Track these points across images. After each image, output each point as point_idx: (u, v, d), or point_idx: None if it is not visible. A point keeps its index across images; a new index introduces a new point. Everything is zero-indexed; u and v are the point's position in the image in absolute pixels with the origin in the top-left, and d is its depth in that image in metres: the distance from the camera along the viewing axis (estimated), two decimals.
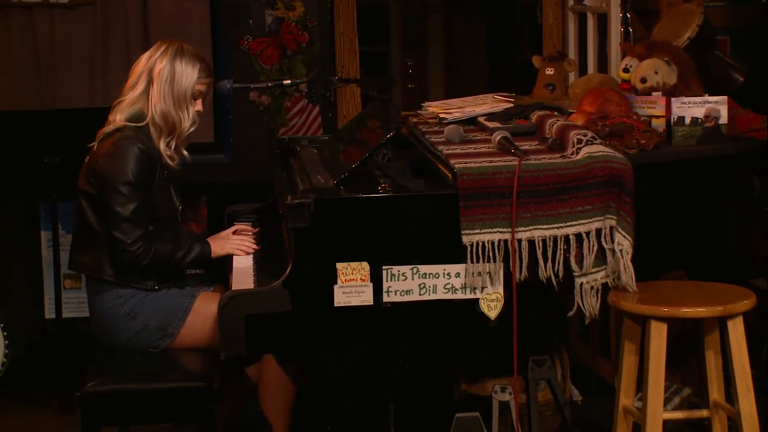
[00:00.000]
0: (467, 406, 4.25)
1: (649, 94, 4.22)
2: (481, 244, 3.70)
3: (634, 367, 3.91)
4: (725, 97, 4.11)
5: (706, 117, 4.07)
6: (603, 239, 3.76)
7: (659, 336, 3.73)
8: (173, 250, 4.05)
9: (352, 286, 3.68)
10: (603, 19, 5.41)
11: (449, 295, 3.73)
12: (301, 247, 3.67)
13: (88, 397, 3.83)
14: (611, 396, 4.12)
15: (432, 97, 7.38)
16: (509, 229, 3.71)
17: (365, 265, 3.68)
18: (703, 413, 4.00)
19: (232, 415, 4.25)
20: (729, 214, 4.11)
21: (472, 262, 3.70)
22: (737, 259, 4.16)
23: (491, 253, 3.70)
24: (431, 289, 3.72)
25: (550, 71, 4.72)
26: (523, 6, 7.63)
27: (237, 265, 4.12)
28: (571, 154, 3.82)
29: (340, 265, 3.67)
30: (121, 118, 4.07)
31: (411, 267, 3.70)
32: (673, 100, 4.09)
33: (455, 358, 4.20)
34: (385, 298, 3.70)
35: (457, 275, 3.72)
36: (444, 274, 3.72)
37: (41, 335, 5.81)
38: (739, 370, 3.77)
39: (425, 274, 3.71)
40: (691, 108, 4.07)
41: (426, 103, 4.75)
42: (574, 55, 5.68)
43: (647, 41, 4.61)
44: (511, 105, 4.48)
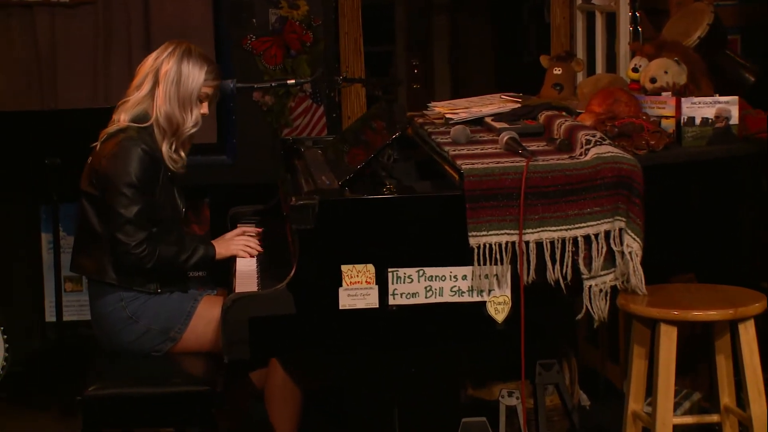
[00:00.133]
0: (474, 410, 4.22)
1: (659, 94, 4.20)
2: (488, 246, 3.67)
3: (643, 371, 3.89)
4: (736, 98, 4.09)
5: (716, 117, 4.05)
6: (612, 241, 3.74)
7: (669, 339, 3.70)
8: (177, 252, 4.03)
9: (357, 289, 3.65)
10: (612, 18, 5.42)
11: (456, 298, 3.70)
12: (305, 249, 3.64)
13: (89, 401, 3.82)
14: (620, 401, 4.11)
15: (438, 98, 7.37)
16: (517, 231, 3.68)
17: (371, 267, 3.65)
18: (714, 418, 3.99)
19: (235, 420, 4.22)
20: (740, 216, 4.10)
21: (479, 264, 3.68)
22: (748, 262, 4.15)
23: (498, 255, 3.68)
24: (437, 291, 3.69)
25: (558, 71, 4.69)
26: (530, 5, 7.59)
27: (240, 268, 4.10)
28: (580, 155, 3.80)
29: (345, 268, 3.64)
30: (125, 118, 4.05)
31: (417, 269, 3.67)
32: (683, 100, 4.07)
33: (462, 361, 4.16)
34: (391, 301, 3.67)
35: (464, 278, 3.69)
36: (450, 276, 3.69)
37: (42, 338, 5.81)
38: (750, 374, 3.75)
39: (431, 276, 3.68)
40: (701, 108, 4.04)
41: (432, 104, 4.75)
42: (582, 54, 5.69)
43: (657, 40, 4.58)
44: (518, 105, 4.47)
